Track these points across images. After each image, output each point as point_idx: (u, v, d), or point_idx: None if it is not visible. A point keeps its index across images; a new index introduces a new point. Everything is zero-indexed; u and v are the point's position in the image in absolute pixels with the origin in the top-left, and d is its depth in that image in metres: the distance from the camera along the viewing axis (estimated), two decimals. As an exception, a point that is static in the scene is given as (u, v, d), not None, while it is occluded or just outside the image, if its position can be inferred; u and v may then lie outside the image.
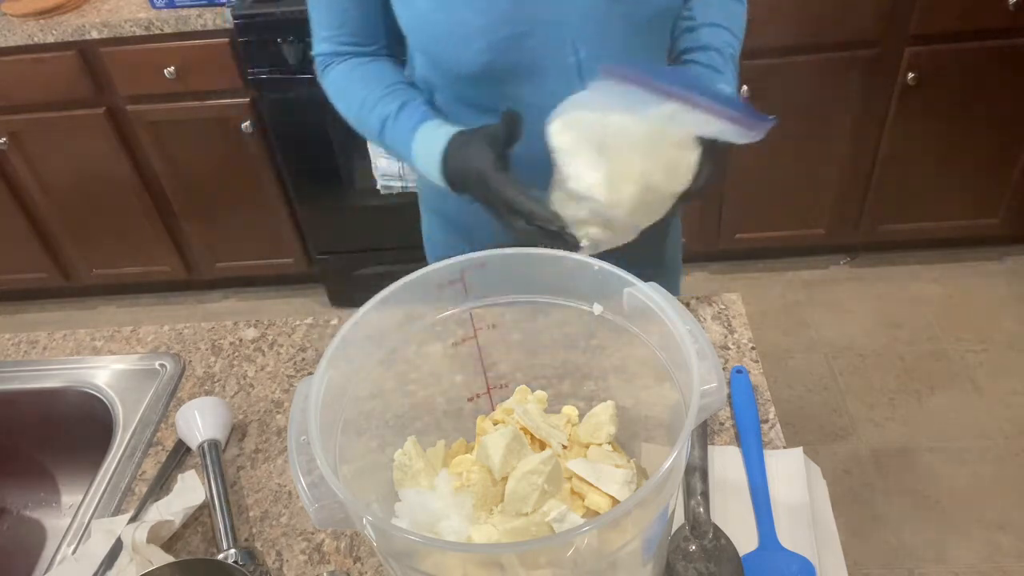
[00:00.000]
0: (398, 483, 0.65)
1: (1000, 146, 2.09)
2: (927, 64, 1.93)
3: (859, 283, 2.36)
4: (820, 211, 2.23)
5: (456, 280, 0.66)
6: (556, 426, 0.68)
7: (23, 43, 1.99)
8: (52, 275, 2.51)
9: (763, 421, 0.83)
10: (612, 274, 0.62)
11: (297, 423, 0.54)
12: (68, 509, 1.05)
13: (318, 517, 0.51)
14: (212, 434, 0.86)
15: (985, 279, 2.32)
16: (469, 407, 0.75)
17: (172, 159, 2.21)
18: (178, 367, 1.00)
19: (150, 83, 2.04)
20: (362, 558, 0.76)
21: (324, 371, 0.58)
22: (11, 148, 2.18)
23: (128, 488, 0.86)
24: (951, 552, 1.67)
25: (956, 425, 1.93)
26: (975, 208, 2.23)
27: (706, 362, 0.54)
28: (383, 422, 0.69)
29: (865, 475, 1.84)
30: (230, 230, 2.38)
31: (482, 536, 0.58)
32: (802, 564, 0.70)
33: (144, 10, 1.98)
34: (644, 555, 0.58)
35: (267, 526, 0.80)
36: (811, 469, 0.79)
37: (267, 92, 2.02)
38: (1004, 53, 1.91)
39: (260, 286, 2.64)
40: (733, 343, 0.93)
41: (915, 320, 2.22)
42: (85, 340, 1.07)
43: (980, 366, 2.06)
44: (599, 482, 0.62)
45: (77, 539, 0.81)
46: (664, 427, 0.66)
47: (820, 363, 2.13)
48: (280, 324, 1.05)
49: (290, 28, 1.90)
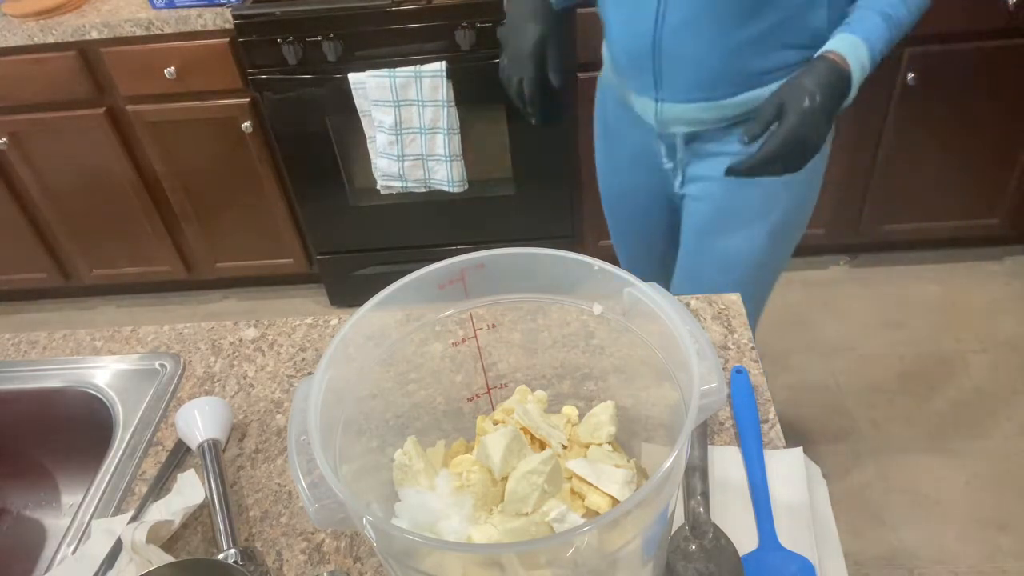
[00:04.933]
0: (398, 483, 0.65)
1: (1000, 146, 2.09)
2: (927, 64, 1.93)
3: (859, 283, 2.36)
4: (820, 211, 2.21)
5: (456, 280, 0.66)
6: (556, 426, 0.68)
7: (23, 43, 1.99)
8: (52, 275, 2.51)
9: (763, 421, 0.83)
10: (612, 274, 0.62)
11: (297, 423, 0.54)
12: (68, 509, 1.05)
13: (318, 517, 0.51)
14: (212, 434, 0.86)
15: (985, 279, 2.32)
16: (469, 407, 0.75)
17: (172, 159, 2.21)
18: (178, 367, 1.00)
19: (150, 83, 2.04)
20: (362, 558, 0.76)
21: (324, 371, 0.58)
22: (11, 148, 2.18)
23: (128, 488, 0.86)
24: (951, 552, 1.67)
25: (956, 425, 1.93)
26: (975, 208, 2.23)
27: (706, 362, 0.54)
28: (383, 422, 0.69)
29: (865, 475, 1.84)
30: (230, 230, 2.38)
31: (482, 536, 0.58)
32: (802, 564, 0.70)
33: (144, 10, 1.98)
34: (644, 555, 0.58)
35: (267, 526, 0.80)
36: (811, 469, 0.79)
37: (267, 92, 2.02)
38: (1004, 53, 1.91)
39: (260, 286, 2.64)
40: (733, 343, 0.93)
41: (915, 320, 2.22)
42: (85, 340, 1.07)
43: (980, 366, 2.06)
44: (599, 482, 0.62)
45: (77, 539, 0.81)
46: (664, 427, 0.66)
47: (820, 363, 2.13)
48: (280, 324, 1.05)
49: (290, 28, 1.90)
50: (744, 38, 1.02)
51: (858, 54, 0.96)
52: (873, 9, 0.98)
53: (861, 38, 0.96)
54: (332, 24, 1.89)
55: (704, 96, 1.09)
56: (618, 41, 1.14)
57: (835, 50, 0.96)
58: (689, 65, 1.06)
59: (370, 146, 2.03)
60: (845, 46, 0.96)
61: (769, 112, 0.95)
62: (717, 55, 1.04)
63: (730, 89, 1.07)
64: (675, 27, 1.03)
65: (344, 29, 1.90)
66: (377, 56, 1.92)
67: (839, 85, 0.95)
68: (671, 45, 1.05)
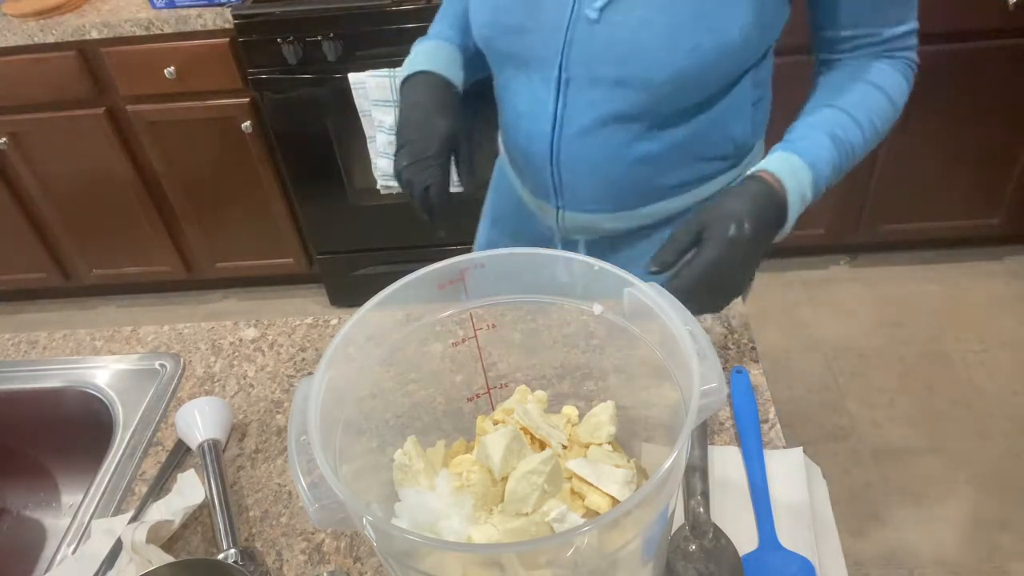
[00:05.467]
0: (398, 483, 0.65)
1: (1000, 146, 2.09)
2: (927, 64, 1.92)
3: (859, 283, 2.36)
4: (820, 211, 2.23)
5: (456, 280, 0.66)
6: (556, 426, 0.68)
7: (23, 43, 1.99)
8: (52, 275, 2.51)
9: (763, 421, 0.83)
10: (612, 274, 0.62)
11: (297, 423, 0.54)
12: (68, 509, 1.05)
13: (318, 517, 0.51)
14: (212, 434, 0.86)
15: (985, 279, 2.32)
16: (469, 407, 0.75)
17: (172, 159, 2.21)
18: (178, 367, 1.00)
19: (150, 83, 2.04)
20: (362, 558, 0.76)
21: (324, 371, 0.58)
22: (11, 148, 2.18)
23: (128, 488, 0.86)
24: (951, 552, 1.67)
25: (956, 425, 1.93)
26: (975, 208, 2.23)
27: (706, 362, 0.54)
28: (383, 422, 0.69)
29: (865, 475, 1.84)
30: (230, 230, 2.38)
31: (482, 536, 0.58)
32: (802, 564, 0.70)
33: (144, 10, 1.98)
34: (644, 555, 0.58)
35: (267, 526, 0.80)
36: (811, 469, 0.79)
37: (267, 92, 2.02)
38: (1003, 53, 1.91)
39: (260, 286, 2.64)
40: (733, 343, 0.93)
41: (915, 320, 2.22)
42: (85, 340, 1.07)
43: (980, 366, 2.06)
44: (599, 482, 0.61)
45: (77, 539, 0.81)
46: (664, 427, 0.66)
47: (820, 363, 2.13)
48: (280, 324, 1.05)
49: (290, 28, 1.90)
50: (654, 150, 0.88)
51: (799, 179, 0.80)
52: (821, 128, 0.83)
53: (806, 162, 0.81)
54: (332, 24, 1.89)
55: (610, 207, 0.95)
56: (513, 140, 0.97)
57: (772, 171, 0.79)
58: (592, 175, 0.92)
59: (370, 146, 2.03)
60: (785, 168, 0.80)
61: (685, 238, 0.76)
62: (623, 166, 0.90)
63: (639, 200, 0.94)
64: (575, 134, 0.88)
65: (344, 29, 1.90)
66: (377, 56, 1.92)
67: (773, 213, 0.78)
68: (571, 153, 0.90)
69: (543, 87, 0.88)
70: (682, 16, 0.78)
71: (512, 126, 0.96)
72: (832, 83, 0.88)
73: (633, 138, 0.87)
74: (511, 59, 0.91)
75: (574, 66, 0.85)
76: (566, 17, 0.83)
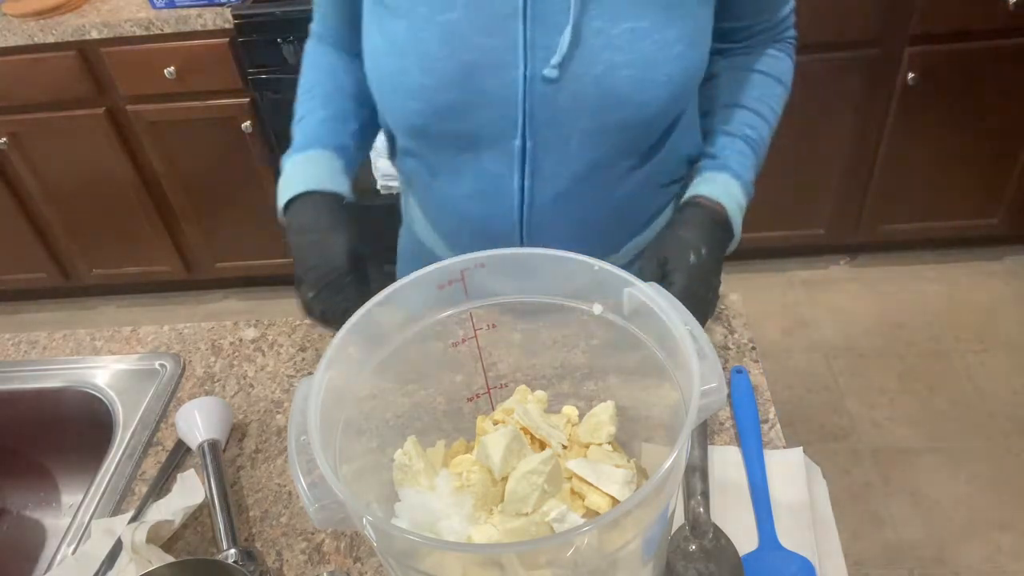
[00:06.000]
0: (398, 483, 0.65)
1: (1000, 146, 2.09)
2: (927, 64, 1.93)
3: (859, 283, 2.36)
4: (820, 211, 2.23)
5: (456, 280, 0.66)
6: (556, 426, 0.68)
7: (23, 43, 1.99)
8: (52, 275, 2.51)
9: (763, 421, 0.83)
10: (612, 274, 0.62)
11: (297, 423, 0.54)
12: (68, 509, 1.05)
13: (318, 517, 0.51)
14: (212, 434, 0.86)
15: (985, 279, 2.32)
16: (469, 407, 0.75)
17: (172, 159, 2.21)
18: (178, 367, 1.00)
19: (150, 83, 2.04)
20: (362, 558, 0.76)
21: (324, 371, 0.58)
22: (11, 148, 2.18)
23: (128, 488, 0.86)
24: (951, 552, 1.67)
25: (956, 425, 1.93)
26: (975, 208, 2.23)
27: (706, 362, 0.54)
28: (383, 422, 0.69)
29: (865, 475, 1.84)
30: (230, 230, 2.38)
31: (482, 536, 0.58)
32: (802, 564, 0.70)
33: (144, 10, 1.98)
34: (644, 555, 0.58)
35: (267, 526, 0.80)
36: (811, 469, 0.79)
37: (267, 92, 2.02)
38: (1004, 53, 1.91)
39: (260, 286, 2.64)
40: (733, 343, 0.93)
41: (915, 320, 2.22)
42: (85, 340, 1.07)
43: (980, 366, 2.07)
44: (599, 482, 0.61)
45: (77, 539, 0.81)
46: (664, 427, 0.66)
47: (820, 363, 2.13)
48: (280, 324, 1.05)
49: (290, 28, 1.90)
50: (628, 190, 0.87)
51: (732, 193, 0.84)
52: (736, 135, 0.87)
53: (732, 175, 0.85)
54: (332, 24, 1.89)
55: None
56: (464, 222, 0.90)
57: (706, 195, 0.84)
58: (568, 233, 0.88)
59: (370, 146, 2.03)
60: (718, 189, 0.84)
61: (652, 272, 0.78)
62: (604, 211, 0.88)
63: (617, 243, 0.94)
64: (549, 201, 0.85)
65: (344, 29, 1.90)
66: (377, 56, 1.92)
67: (720, 232, 0.83)
68: (545, 219, 0.86)
69: (500, 163, 0.82)
70: (648, 51, 0.75)
71: (454, 212, 0.90)
72: (733, 80, 0.91)
73: (613, 181, 0.85)
74: (454, 142, 0.83)
75: (541, 131, 0.79)
76: (518, 83, 0.76)
